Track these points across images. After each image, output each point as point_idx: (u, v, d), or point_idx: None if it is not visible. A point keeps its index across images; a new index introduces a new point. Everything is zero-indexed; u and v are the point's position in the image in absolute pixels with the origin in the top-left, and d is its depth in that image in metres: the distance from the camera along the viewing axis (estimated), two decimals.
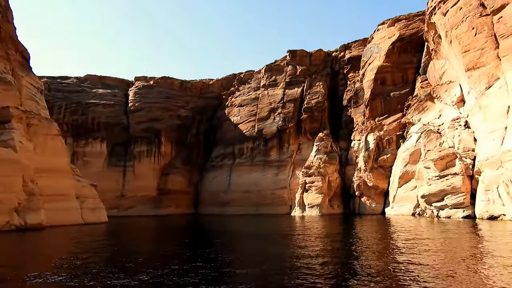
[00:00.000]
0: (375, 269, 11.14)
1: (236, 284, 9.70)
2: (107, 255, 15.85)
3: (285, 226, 32.75)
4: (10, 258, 15.93)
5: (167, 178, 74.09)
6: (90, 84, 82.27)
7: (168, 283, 9.78)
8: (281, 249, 16.38)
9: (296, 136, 68.81)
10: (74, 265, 12.97)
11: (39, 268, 12.62)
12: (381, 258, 13.27)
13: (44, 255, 16.76)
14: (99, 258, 14.66)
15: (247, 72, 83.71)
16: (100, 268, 12.30)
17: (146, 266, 12.40)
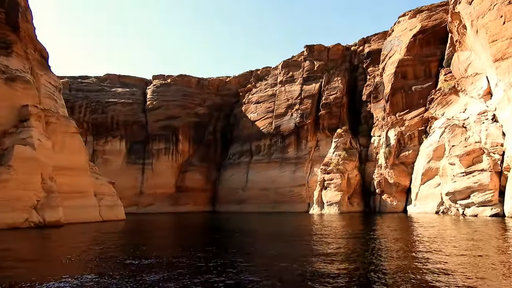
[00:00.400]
0: (402, 277, 10.26)
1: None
2: (122, 254, 15.42)
3: (304, 224, 31.90)
4: (27, 255, 15.72)
5: (184, 175, 74.16)
6: (110, 83, 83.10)
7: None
8: (301, 252, 15.58)
9: (314, 133, 67.67)
10: (91, 263, 12.59)
11: (56, 266, 12.38)
12: (406, 261, 12.36)
13: (62, 252, 16.49)
14: (114, 256, 14.24)
15: (264, 69, 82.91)
16: (115, 266, 11.85)
17: (153, 268, 11.85)
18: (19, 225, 26.32)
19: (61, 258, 14.23)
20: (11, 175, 26.49)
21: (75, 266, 12.34)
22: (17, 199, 26.41)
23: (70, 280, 9.97)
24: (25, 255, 15.75)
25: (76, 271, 11.41)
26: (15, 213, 26.13)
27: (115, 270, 11.20)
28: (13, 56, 31.22)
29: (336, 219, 38.28)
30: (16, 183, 26.67)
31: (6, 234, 22.65)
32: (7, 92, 29.68)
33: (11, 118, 29.82)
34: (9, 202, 25.96)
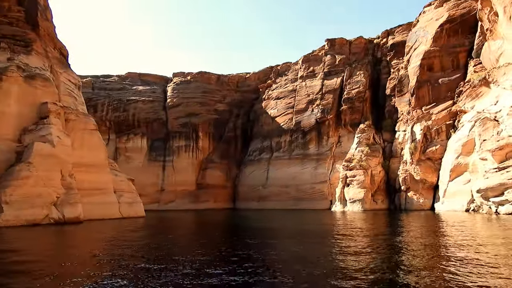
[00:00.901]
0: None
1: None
2: (140, 252, 14.83)
3: (326, 223, 30.78)
4: (45, 251, 15.38)
5: (205, 172, 73.93)
6: (131, 81, 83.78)
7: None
8: (324, 253, 14.58)
9: (336, 128, 66.10)
10: (106, 261, 12.06)
11: (75, 262, 12.04)
12: (439, 266, 11.21)
13: (80, 249, 16.08)
14: (132, 253, 13.67)
15: (284, 64, 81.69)
16: (132, 264, 11.24)
17: (175, 267, 11.13)
18: (39, 221, 26.33)
19: (78, 256, 13.85)
20: (31, 172, 26.51)
21: (92, 265, 11.95)
22: (37, 196, 26.41)
23: (82, 280, 9.39)
24: (42, 252, 15.40)
25: (93, 270, 10.96)
26: (35, 210, 26.14)
27: (130, 270, 10.66)
28: (32, 54, 31.35)
29: (359, 217, 36.97)
30: (36, 179, 26.67)
31: (26, 230, 22.61)
32: (27, 90, 29.78)
33: (31, 115, 29.93)
34: (29, 199, 25.99)
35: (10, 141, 28.28)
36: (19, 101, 29.19)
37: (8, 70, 28.58)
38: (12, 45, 30.41)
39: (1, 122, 27.89)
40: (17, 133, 28.86)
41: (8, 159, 27.48)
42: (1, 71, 28.24)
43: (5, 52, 29.66)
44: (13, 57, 29.70)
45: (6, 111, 28.32)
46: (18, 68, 29.37)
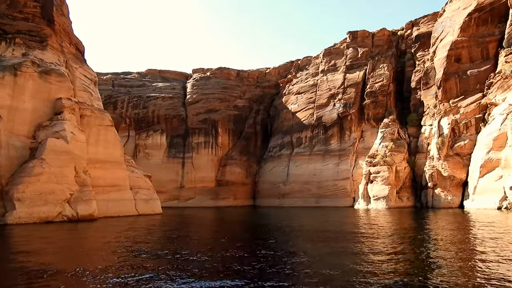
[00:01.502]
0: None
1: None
2: (152, 252, 13.95)
3: (350, 221, 29.22)
4: (61, 248, 14.74)
5: (224, 169, 73.25)
6: (151, 78, 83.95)
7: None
8: (352, 256, 13.27)
9: (359, 123, 64.11)
10: (119, 258, 11.27)
11: (90, 261, 11.52)
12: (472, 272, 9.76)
13: (93, 247, 15.37)
14: (146, 251, 12.81)
15: (305, 58, 79.92)
16: (145, 264, 10.35)
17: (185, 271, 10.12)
18: (52, 218, 26.00)
19: (91, 253, 13.14)
20: (43, 168, 26.21)
21: (102, 261, 11.60)
22: (50, 193, 26.08)
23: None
24: (57, 249, 14.75)
25: (103, 266, 10.58)
26: (48, 207, 25.82)
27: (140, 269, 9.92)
28: (48, 49, 31.14)
29: (384, 214, 35.24)
30: (49, 176, 26.36)
31: (39, 228, 22.24)
32: (42, 85, 29.55)
33: (46, 111, 29.71)
34: (42, 196, 25.69)
35: (24, 137, 28.11)
36: (34, 97, 28.99)
37: (23, 66, 28.38)
38: (27, 41, 30.29)
39: (16, 118, 27.73)
40: (32, 129, 28.68)
41: (22, 155, 27.31)
42: (15, 67, 28.07)
43: (20, 48, 29.54)
44: (28, 52, 29.55)
45: (20, 107, 28.15)
46: (33, 63, 29.17)
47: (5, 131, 27.13)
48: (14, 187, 24.94)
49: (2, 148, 26.64)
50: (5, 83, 27.41)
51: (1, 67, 27.62)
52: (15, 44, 29.59)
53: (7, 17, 30.01)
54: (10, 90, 27.60)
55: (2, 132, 26.93)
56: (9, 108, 27.53)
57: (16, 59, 28.67)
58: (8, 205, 24.99)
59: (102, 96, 75.54)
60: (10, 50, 29.11)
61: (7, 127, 27.28)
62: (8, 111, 27.48)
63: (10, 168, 26.38)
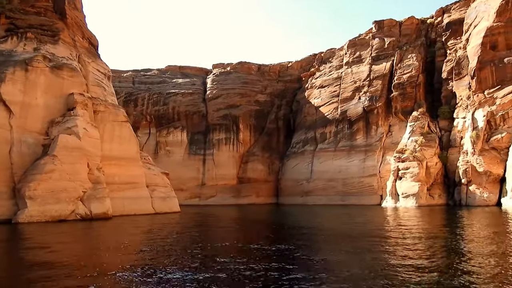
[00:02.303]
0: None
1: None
2: (167, 251, 12.78)
3: (379, 221, 27.23)
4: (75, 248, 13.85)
5: (246, 166, 72.05)
6: (171, 74, 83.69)
7: None
8: (384, 263, 11.59)
9: (386, 117, 61.48)
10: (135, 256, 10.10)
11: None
12: None
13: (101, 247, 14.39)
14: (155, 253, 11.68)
15: (328, 51, 77.54)
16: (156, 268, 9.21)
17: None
18: (65, 217, 25.43)
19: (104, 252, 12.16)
20: (55, 165, 25.65)
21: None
22: (62, 190, 25.52)
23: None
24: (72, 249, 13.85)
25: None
26: (60, 205, 25.26)
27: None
28: (59, 43, 30.67)
29: (414, 213, 33.07)
30: (61, 173, 25.79)
31: (51, 226, 21.61)
32: (54, 81, 29.07)
33: (59, 107, 29.23)
34: (54, 194, 25.14)
35: (37, 133, 27.70)
36: (45, 92, 28.54)
37: (34, 61, 27.94)
38: (39, 35, 29.89)
39: (28, 115, 27.33)
40: (45, 125, 28.25)
41: (35, 152, 26.88)
42: (27, 62, 27.65)
43: (32, 42, 29.15)
44: (39, 47, 29.11)
45: (32, 103, 27.73)
46: (45, 58, 28.71)
47: (18, 127, 26.77)
48: (25, 184, 24.50)
49: (14, 145, 26.29)
50: (16, 78, 27.02)
51: (12, 62, 27.25)
52: (26, 38, 29.22)
53: (19, 11, 29.71)
54: (22, 85, 27.20)
55: (14, 128, 26.58)
56: (21, 104, 27.15)
57: (27, 54, 28.28)
58: (20, 203, 24.59)
59: (122, 94, 76.14)
60: (21, 45, 28.75)
61: (20, 124, 26.91)
62: (20, 108, 27.10)
63: (23, 165, 25.99)
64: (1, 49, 27.93)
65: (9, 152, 25.90)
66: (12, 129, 26.42)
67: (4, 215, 24.09)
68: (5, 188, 24.94)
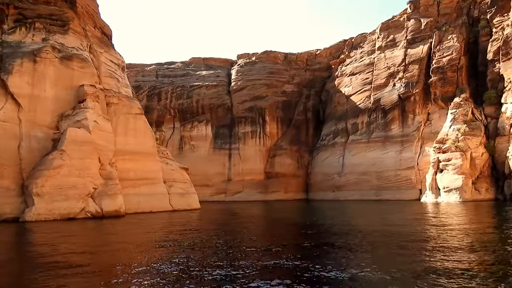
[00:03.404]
0: None
1: None
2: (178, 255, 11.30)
3: (420, 219, 24.52)
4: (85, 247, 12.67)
5: (273, 160, 70.25)
6: (194, 67, 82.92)
7: None
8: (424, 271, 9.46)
9: (424, 104, 57.88)
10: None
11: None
12: None
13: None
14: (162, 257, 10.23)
15: (359, 36, 74.08)
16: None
17: None
18: (75, 215, 24.60)
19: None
20: (63, 161, 24.83)
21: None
22: (71, 187, 24.69)
23: None
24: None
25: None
26: (69, 202, 24.43)
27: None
28: (69, 33, 29.87)
29: (459, 210, 30.16)
30: (70, 169, 24.96)
31: (59, 225, 20.73)
32: (63, 72, 28.32)
33: (69, 99, 28.48)
34: (63, 190, 24.32)
35: (47, 127, 27.04)
36: (55, 85, 27.82)
37: (43, 51, 27.25)
38: (48, 25, 29.17)
39: (37, 108, 26.70)
40: (55, 119, 27.56)
41: (45, 147, 26.23)
42: (35, 53, 26.99)
43: (40, 33, 28.48)
44: (48, 37, 28.41)
45: (41, 96, 27.07)
46: (53, 48, 27.98)
47: (26, 121, 26.17)
48: (32, 181, 23.81)
49: (23, 140, 25.71)
50: (24, 70, 26.40)
51: (20, 54, 26.64)
52: (35, 29, 28.58)
53: (28, 1, 29.12)
54: (30, 78, 26.58)
55: (23, 123, 26.01)
56: (29, 97, 26.54)
57: (35, 45, 27.62)
58: (28, 201, 23.97)
59: (146, 88, 76.08)
60: (30, 35, 28.13)
61: (28, 118, 26.31)
62: (29, 101, 26.50)
63: (32, 161, 25.37)
64: (9, 40, 27.42)
65: (18, 148, 25.34)
66: (21, 123, 25.86)
67: (12, 213, 23.55)
68: (14, 185, 24.40)
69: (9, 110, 25.53)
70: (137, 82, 76.36)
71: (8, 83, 25.64)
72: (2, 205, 23.34)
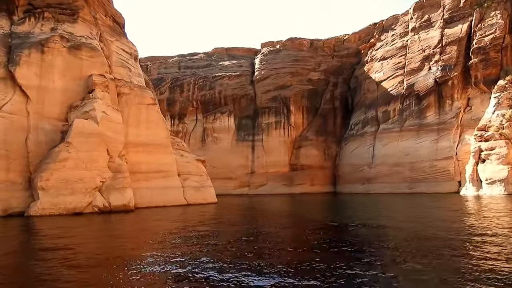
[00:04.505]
0: None
1: None
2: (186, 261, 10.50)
3: (465, 216, 22.14)
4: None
5: (299, 151, 68.82)
6: (217, 57, 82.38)
7: None
8: None
9: (463, 88, 54.74)
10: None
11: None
12: None
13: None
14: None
15: (391, 17, 70.97)
16: None
17: None
18: (81, 209, 24.32)
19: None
20: (70, 153, 24.57)
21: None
22: (77, 181, 24.41)
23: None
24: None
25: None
26: (75, 196, 24.16)
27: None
28: (78, 22, 29.59)
29: (505, 204, 27.82)
30: (76, 162, 24.69)
31: (64, 220, 20.48)
32: (72, 62, 28.08)
33: (78, 90, 28.23)
34: (69, 184, 24.06)
35: (56, 119, 26.92)
36: (64, 75, 27.62)
37: (50, 41, 27.06)
38: (57, 14, 29.00)
39: (45, 99, 26.59)
40: (64, 110, 27.38)
41: (53, 139, 26.10)
42: (42, 43, 26.85)
43: (49, 22, 28.29)
44: (56, 27, 28.24)
45: (49, 87, 26.94)
46: (62, 38, 27.75)
47: (35, 113, 26.12)
48: (37, 174, 23.69)
49: (31, 132, 25.67)
50: (32, 61, 26.31)
51: (28, 44, 26.57)
52: (43, 19, 28.47)
53: None
54: (37, 68, 26.47)
55: (31, 115, 25.96)
56: (37, 88, 26.45)
57: (44, 35, 27.47)
58: (35, 195, 23.89)
59: (168, 80, 76.25)
60: (38, 25, 28.01)
61: (37, 109, 26.25)
62: (37, 92, 26.41)
63: (39, 154, 25.29)
64: (18, 31, 27.41)
65: (26, 140, 25.33)
66: (28, 116, 25.82)
67: (19, 207, 23.52)
68: (21, 179, 24.39)
69: (17, 102, 25.54)
70: (160, 74, 76.71)
71: (16, 74, 25.62)
72: (9, 199, 23.38)
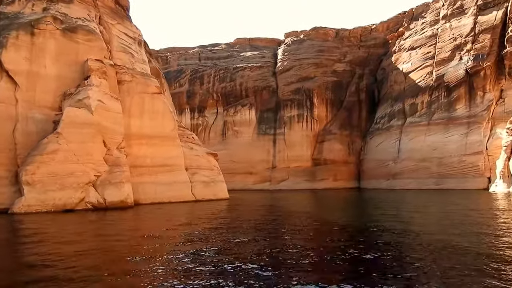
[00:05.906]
0: None
1: None
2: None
3: (493, 214, 18.40)
4: None
5: (322, 146, 64.32)
6: (239, 48, 78.77)
7: None
8: None
9: (497, 80, 49.04)
10: None
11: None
12: None
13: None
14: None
15: (421, 5, 65.03)
16: None
17: None
18: (72, 206, 21.29)
19: None
20: (59, 145, 21.54)
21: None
22: (68, 175, 21.38)
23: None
24: None
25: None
26: (65, 192, 21.14)
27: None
28: (74, 2, 26.52)
29: None
30: (67, 154, 21.63)
31: (43, 219, 17.48)
32: (67, 46, 25.03)
33: (74, 76, 25.14)
34: (58, 178, 21.05)
35: (48, 108, 23.97)
36: (57, 60, 24.62)
37: (42, 22, 24.07)
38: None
39: (37, 86, 23.66)
40: (58, 99, 24.42)
41: (44, 130, 23.12)
42: (32, 24, 23.87)
43: (41, 2, 25.28)
44: (49, 6, 25.25)
45: (41, 73, 23.99)
46: (55, 19, 24.73)
47: (24, 102, 23.21)
48: (23, 168, 20.78)
49: (19, 122, 22.79)
50: (20, 43, 23.36)
51: (15, 25, 23.65)
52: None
53: None
54: (27, 52, 23.53)
55: (19, 103, 23.07)
56: (27, 74, 23.51)
57: (34, 15, 24.54)
58: (21, 190, 21.00)
59: (188, 71, 73.06)
60: (29, 5, 25.08)
61: (26, 97, 23.32)
62: (27, 78, 23.49)
63: (28, 146, 22.35)
64: (6, 11, 24.57)
65: (13, 131, 22.49)
66: (17, 104, 22.98)
67: (4, 204, 20.68)
68: (6, 173, 21.53)
69: (4, 89, 22.63)
70: (180, 66, 73.73)
71: (2, 58, 22.73)
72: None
